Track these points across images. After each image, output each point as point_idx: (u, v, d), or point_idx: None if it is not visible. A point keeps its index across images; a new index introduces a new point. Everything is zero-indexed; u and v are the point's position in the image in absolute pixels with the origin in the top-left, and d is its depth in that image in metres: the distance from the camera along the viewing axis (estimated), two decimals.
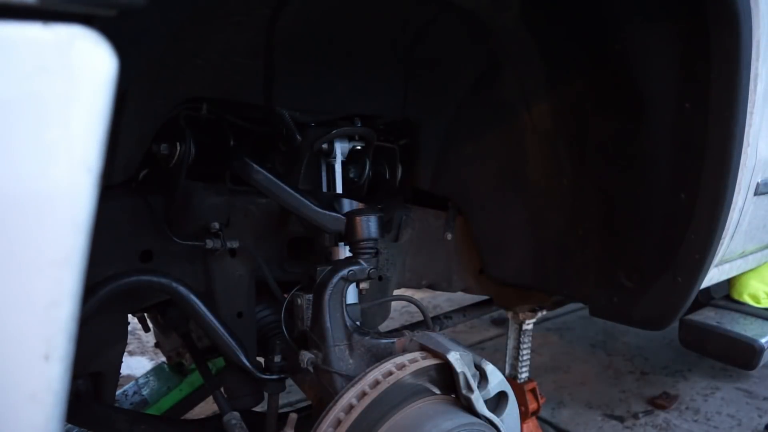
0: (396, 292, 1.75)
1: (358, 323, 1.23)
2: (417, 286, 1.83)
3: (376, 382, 1.01)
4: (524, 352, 2.00)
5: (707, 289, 2.14)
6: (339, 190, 1.43)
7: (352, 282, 1.22)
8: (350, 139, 1.45)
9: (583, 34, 1.32)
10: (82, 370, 1.27)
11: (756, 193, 1.40)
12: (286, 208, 1.29)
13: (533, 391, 1.98)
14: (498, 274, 1.76)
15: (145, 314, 1.90)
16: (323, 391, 1.20)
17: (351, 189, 1.55)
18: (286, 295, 1.33)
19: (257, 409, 1.42)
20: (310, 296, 1.23)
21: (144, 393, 1.93)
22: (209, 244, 1.27)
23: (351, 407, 0.99)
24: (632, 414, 2.44)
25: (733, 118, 1.15)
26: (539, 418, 2.23)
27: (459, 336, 3.26)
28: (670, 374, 2.82)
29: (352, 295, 1.28)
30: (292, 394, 2.36)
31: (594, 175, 1.45)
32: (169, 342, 1.95)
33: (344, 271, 1.20)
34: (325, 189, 1.45)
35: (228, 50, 1.16)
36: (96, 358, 1.26)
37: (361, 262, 1.22)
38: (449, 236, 1.77)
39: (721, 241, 1.29)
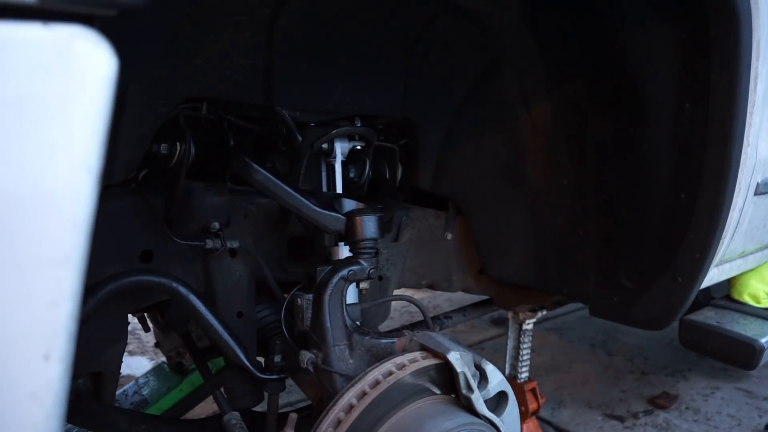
0: (396, 292, 1.74)
1: (358, 323, 1.23)
2: (417, 286, 1.83)
3: (376, 382, 1.01)
4: (524, 352, 2.00)
5: (707, 289, 2.14)
6: (339, 190, 1.43)
7: (352, 282, 1.22)
8: (350, 139, 1.45)
9: (583, 33, 1.32)
10: (82, 370, 1.27)
11: (756, 193, 1.40)
12: (286, 208, 1.29)
13: (533, 391, 1.98)
14: (498, 274, 1.76)
15: (145, 314, 1.90)
16: (323, 391, 1.20)
17: (351, 189, 1.55)
18: (286, 295, 1.33)
19: (257, 409, 1.42)
20: (310, 296, 1.23)
21: (144, 393, 1.93)
22: (209, 244, 1.27)
23: (351, 407, 0.99)
24: (632, 414, 2.44)
25: (733, 118, 1.15)
26: (539, 418, 2.23)
27: (459, 336, 3.26)
28: (670, 374, 2.82)
29: (352, 295, 1.28)
30: (292, 394, 2.36)
31: (594, 175, 1.45)
32: (169, 342, 1.95)
33: (344, 271, 1.19)
34: (325, 189, 1.45)
35: (228, 50, 1.16)
36: (96, 358, 1.26)
37: (361, 262, 1.22)
38: (449, 236, 1.77)
39: (721, 241, 1.29)
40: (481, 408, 1.02)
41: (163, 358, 2.04)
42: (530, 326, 1.98)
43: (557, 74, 1.43)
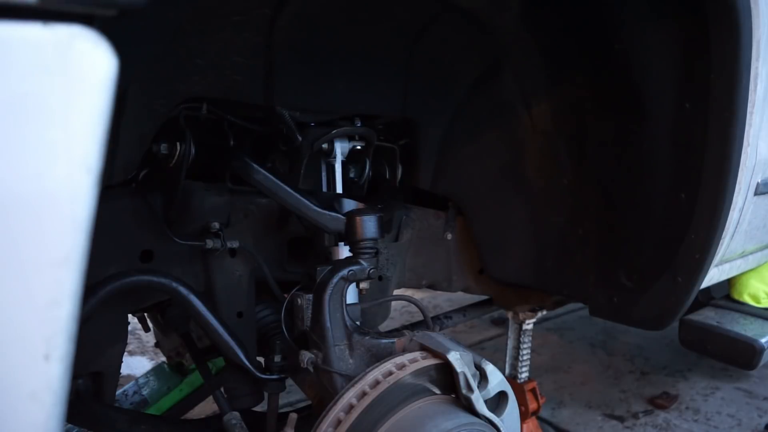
0: (396, 292, 1.74)
1: (358, 323, 1.23)
2: (417, 286, 1.83)
3: (376, 382, 1.01)
4: (524, 352, 2.00)
5: (707, 289, 2.14)
6: (339, 190, 1.43)
7: (352, 282, 1.22)
8: (350, 139, 1.45)
9: (583, 33, 1.32)
10: (82, 370, 1.27)
11: (756, 193, 1.40)
12: (286, 208, 1.29)
13: (533, 391, 1.98)
14: (498, 274, 1.76)
15: (145, 314, 1.90)
16: (323, 391, 1.20)
17: (351, 189, 1.55)
18: (286, 295, 1.33)
19: (257, 409, 1.42)
20: (310, 296, 1.23)
21: (144, 393, 1.93)
22: (209, 244, 1.27)
23: (351, 407, 0.99)
24: (632, 414, 2.44)
25: (733, 118, 1.15)
26: (539, 418, 2.23)
27: (459, 336, 3.26)
28: (670, 374, 2.82)
29: (352, 295, 1.28)
30: (292, 394, 2.36)
31: (594, 175, 1.45)
32: (169, 342, 1.95)
33: (344, 271, 1.19)
34: (325, 189, 1.45)
35: (228, 50, 1.16)
36: (96, 358, 1.26)
37: (361, 262, 1.21)
38: (449, 236, 1.77)
39: (721, 241, 1.29)
40: (481, 408, 1.02)
41: (163, 358, 2.04)
42: (530, 326, 1.98)
43: (557, 74, 1.43)
